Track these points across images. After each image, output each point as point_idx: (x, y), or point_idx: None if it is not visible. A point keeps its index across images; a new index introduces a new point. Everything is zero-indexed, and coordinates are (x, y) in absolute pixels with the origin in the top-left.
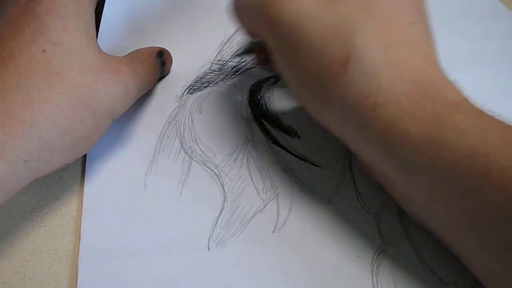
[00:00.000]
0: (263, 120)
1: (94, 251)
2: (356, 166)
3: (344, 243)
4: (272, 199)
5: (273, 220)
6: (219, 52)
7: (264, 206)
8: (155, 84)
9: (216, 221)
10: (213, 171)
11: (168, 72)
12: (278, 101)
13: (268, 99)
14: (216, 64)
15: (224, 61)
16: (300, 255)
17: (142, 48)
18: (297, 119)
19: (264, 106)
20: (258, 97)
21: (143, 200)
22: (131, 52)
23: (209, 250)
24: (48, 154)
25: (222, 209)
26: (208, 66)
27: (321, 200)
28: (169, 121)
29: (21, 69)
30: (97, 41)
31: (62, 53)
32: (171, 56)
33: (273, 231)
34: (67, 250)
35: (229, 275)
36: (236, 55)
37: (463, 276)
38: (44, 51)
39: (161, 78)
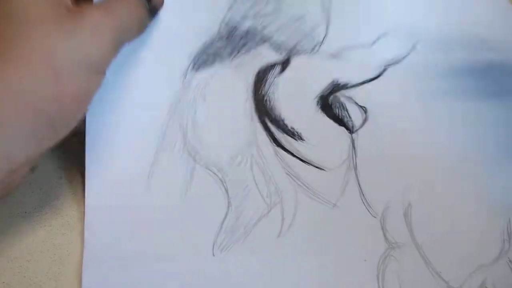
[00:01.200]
0: (266, 120)
1: (98, 256)
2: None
3: (350, 247)
4: (277, 204)
5: (277, 225)
6: (229, 8)
7: (269, 211)
8: (145, 27)
9: (221, 227)
10: (217, 175)
11: (161, 7)
12: (282, 99)
13: (273, 95)
14: (225, 26)
15: (233, 25)
16: (305, 261)
17: None
18: (301, 121)
19: (268, 104)
20: (263, 91)
21: (146, 203)
22: None
23: (213, 255)
24: (17, 117)
25: (226, 214)
26: (216, 29)
27: (326, 204)
28: (171, 110)
29: None
30: None
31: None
32: None
33: (278, 236)
34: (67, 250)
35: (233, 281)
36: None
37: (470, 280)
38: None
39: (152, 14)
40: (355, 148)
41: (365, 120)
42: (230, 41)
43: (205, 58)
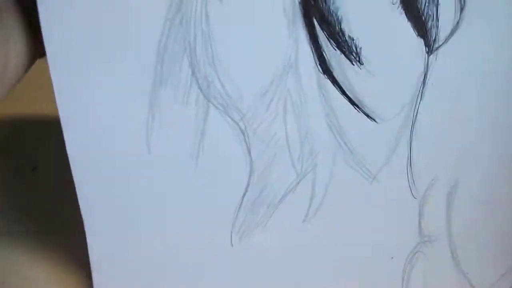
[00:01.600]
0: (315, 21)
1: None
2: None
3: (379, 240)
4: (308, 173)
5: (304, 205)
6: None
7: (298, 183)
8: None
9: (241, 203)
10: (238, 125)
11: None
12: None
13: None
14: None
15: None
16: (328, 253)
17: None
18: (366, 26)
19: None
20: None
21: (147, 168)
22: None
23: (232, 245)
24: None
25: (247, 186)
26: None
27: (365, 176)
28: (169, 17)
29: None
30: None
31: None
32: None
33: (303, 221)
34: (67, 250)
35: (253, 273)
36: None
37: (498, 285)
38: None
39: None
40: (425, 84)
41: (456, 27)
42: None
43: None
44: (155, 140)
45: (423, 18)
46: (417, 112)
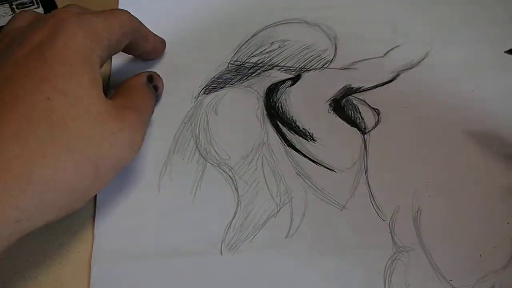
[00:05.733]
0: (278, 122)
1: (107, 253)
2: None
3: (357, 250)
4: (286, 204)
5: (286, 225)
6: (236, 52)
7: (278, 211)
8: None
9: (229, 225)
10: (228, 174)
11: (160, 97)
12: (294, 104)
13: (285, 101)
14: (232, 64)
15: (240, 62)
16: (312, 262)
17: (130, 80)
18: (313, 123)
19: (280, 109)
20: (275, 99)
21: (156, 202)
22: (123, 87)
23: (221, 254)
24: (40, 212)
25: (235, 213)
26: (225, 67)
27: (335, 205)
28: (184, 121)
29: (23, 118)
30: (102, 90)
31: (66, 101)
32: (160, 78)
33: (286, 236)
34: (67, 250)
35: (241, 279)
36: None
37: (478, 286)
38: (48, 98)
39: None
40: (367, 149)
41: (377, 122)
42: (239, 73)
43: (215, 85)
44: (165, 183)
45: (352, 119)
46: (367, 165)
